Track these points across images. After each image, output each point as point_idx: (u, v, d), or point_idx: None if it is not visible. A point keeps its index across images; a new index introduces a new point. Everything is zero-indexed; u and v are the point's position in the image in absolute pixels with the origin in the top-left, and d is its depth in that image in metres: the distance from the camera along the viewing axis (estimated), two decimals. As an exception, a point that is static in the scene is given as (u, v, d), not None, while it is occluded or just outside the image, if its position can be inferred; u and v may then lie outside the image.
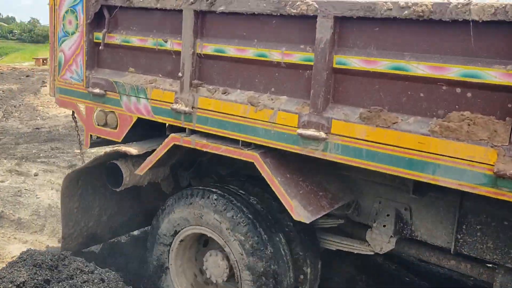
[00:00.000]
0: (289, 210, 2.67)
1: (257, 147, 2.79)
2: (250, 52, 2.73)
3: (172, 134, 3.09)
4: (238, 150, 2.82)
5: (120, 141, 3.45)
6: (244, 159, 2.80)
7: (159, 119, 3.16)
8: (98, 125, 3.55)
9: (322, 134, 2.44)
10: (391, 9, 2.17)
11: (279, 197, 2.69)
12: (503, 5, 1.90)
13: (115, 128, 3.45)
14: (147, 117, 3.22)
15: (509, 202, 2.04)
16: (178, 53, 3.03)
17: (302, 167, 2.90)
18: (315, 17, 2.42)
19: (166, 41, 3.09)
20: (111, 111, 3.44)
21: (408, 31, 2.21)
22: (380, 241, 3.05)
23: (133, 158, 3.37)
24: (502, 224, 2.62)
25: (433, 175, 2.17)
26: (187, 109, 2.95)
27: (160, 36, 3.13)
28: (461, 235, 2.82)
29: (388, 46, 2.28)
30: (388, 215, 3.05)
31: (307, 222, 2.64)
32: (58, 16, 3.61)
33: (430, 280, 4.17)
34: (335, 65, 2.42)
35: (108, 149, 3.47)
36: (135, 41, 3.26)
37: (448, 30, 2.09)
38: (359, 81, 2.39)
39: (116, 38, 3.37)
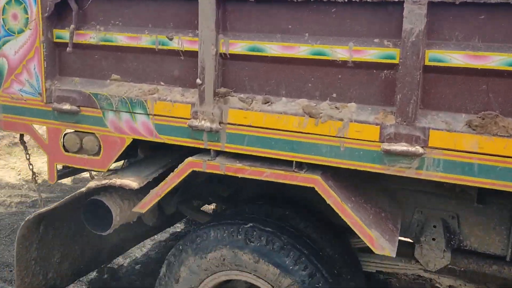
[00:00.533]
0: (368, 243, 2.17)
1: (310, 167, 2.25)
2: (302, 50, 2.15)
3: (190, 159, 2.39)
4: (290, 173, 2.23)
5: (105, 170, 2.64)
6: (301, 184, 2.23)
7: (167, 140, 2.44)
8: (68, 151, 2.69)
9: (418, 149, 1.97)
10: None
11: (352, 227, 2.18)
12: None
13: (97, 154, 2.63)
14: (148, 138, 2.48)
15: None
16: (191, 54, 2.34)
17: (355, 184, 2.42)
18: (400, 3, 1.92)
19: (171, 39, 2.36)
20: (90, 133, 2.61)
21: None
22: (433, 257, 2.70)
23: (119, 190, 2.60)
24: None
25: None
26: (213, 125, 2.28)
27: (160, 32, 2.39)
28: None
29: (497, 37, 1.87)
30: (434, 227, 2.71)
31: (393, 255, 2.17)
32: (-7, 7, 2.65)
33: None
34: (427, 63, 1.95)
35: (84, 182, 2.64)
36: (122, 39, 2.47)
37: None
38: (459, 81, 1.95)
39: (91, 37, 2.53)
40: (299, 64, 2.18)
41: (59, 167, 2.82)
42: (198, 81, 2.30)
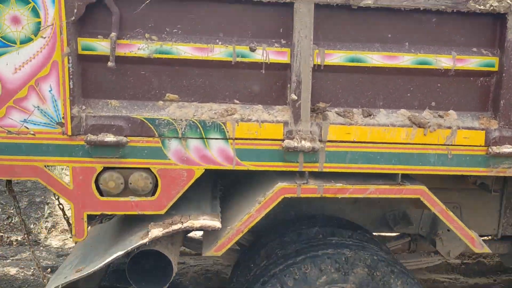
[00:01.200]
0: (469, 243, 2.25)
1: (406, 178, 2.23)
2: (406, 60, 2.10)
3: (282, 185, 2.10)
4: (396, 187, 2.16)
5: (163, 212, 2.12)
6: (406, 196, 2.18)
7: (252, 166, 2.09)
8: (106, 195, 2.07)
9: (521, 149, 2.13)
10: None
11: (456, 231, 2.23)
12: None
13: (149, 194, 2.10)
14: (225, 167, 2.09)
15: None
16: (277, 66, 2.06)
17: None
18: (503, 14, 2.05)
19: (254, 50, 2.03)
20: (142, 168, 2.06)
21: None
22: (452, 246, 2.94)
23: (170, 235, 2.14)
24: None
25: None
26: (315, 145, 2.06)
27: (237, 41, 2.04)
28: (505, 219, 3.02)
29: None
30: None
31: (488, 251, 2.29)
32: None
33: None
34: (523, 70, 2.13)
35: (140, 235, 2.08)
36: (185, 51, 2.02)
37: None
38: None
39: (140, 48, 2.00)
40: (400, 73, 2.13)
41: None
42: (294, 96, 2.04)
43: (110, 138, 1.98)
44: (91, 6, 1.93)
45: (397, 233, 3.11)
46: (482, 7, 2.03)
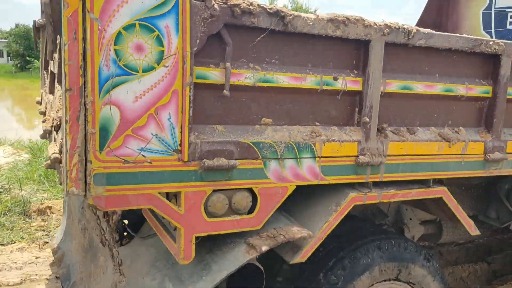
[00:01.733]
0: (468, 228, 2.92)
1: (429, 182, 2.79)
2: (437, 88, 2.64)
3: (353, 194, 2.46)
4: (427, 189, 2.71)
5: (259, 228, 2.28)
6: (432, 196, 2.74)
7: (332, 180, 2.40)
8: (212, 217, 2.16)
9: (505, 156, 2.86)
10: None
11: (462, 220, 2.87)
12: None
13: (249, 212, 2.24)
14: (311, 182, 2.35)
15: None
16: (351, 93, 2.41)
17: None
18: (499, 55, 2.74)
19: (336, 79, 2.34)
20: (244, 189, 2.20)
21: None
22: (416, 231, 3.64)
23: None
24: None
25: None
26: (382, 159, 2.47)
27: (322, 72, 2.32)
28: None
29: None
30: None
31: (479, 233, 2.99)
32: (101, 36, 1.80)
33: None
34: (509, 96, 2.85)
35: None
36: (283, 80, 2.22)
37: None
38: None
39: (246, 77, 2.13)
40: (432, 99, 2.66)
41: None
42: (367, 119, 2.41)
43: (222, 162, 2.09)
44: (211, 37, 2.01)
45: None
46: (488, 49, 2.68)
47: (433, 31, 2.53)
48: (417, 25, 4.51)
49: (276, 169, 2.25)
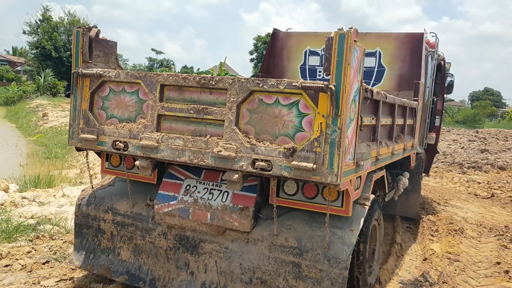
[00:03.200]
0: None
1: None
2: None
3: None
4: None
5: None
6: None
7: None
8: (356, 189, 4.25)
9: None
10: None
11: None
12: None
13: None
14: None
15: None
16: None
17: None
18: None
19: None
20: (359, 176, 4.37)
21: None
22: None
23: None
24: None
25: None
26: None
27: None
28: None
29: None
30: None
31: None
32: (347, 102, 3.72)
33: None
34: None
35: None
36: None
37: None
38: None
39: (365, 121, 4.33)
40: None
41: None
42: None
43: (361, 162, 4.24)
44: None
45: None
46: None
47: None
48: (259, 72, 7.57)
49: (365, 165, 4.53)
